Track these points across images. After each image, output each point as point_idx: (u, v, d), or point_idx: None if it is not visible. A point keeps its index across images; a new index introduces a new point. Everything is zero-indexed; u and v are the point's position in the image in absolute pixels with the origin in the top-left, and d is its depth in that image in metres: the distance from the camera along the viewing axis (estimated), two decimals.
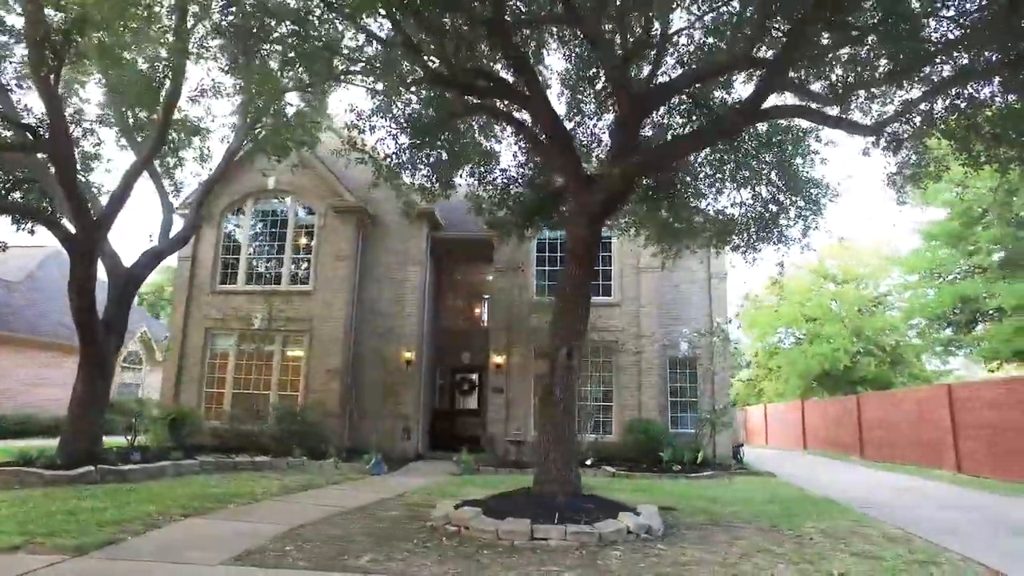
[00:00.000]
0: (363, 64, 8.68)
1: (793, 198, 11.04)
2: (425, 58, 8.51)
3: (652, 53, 7.87)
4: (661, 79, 8.24)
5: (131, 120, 10.33)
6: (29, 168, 10.59)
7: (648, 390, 15.13)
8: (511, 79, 8.32)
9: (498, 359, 15.56)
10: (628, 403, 15.13)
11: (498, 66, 8.32)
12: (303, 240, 16.10)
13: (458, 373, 18.35)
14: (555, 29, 8.29)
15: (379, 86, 10.24)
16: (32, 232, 11.75)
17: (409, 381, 15.15)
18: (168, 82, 9.41)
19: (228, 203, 16.02)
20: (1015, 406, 12.40)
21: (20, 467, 9.11)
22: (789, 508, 8.74)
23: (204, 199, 11.73)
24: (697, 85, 8.22)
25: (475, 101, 8.48)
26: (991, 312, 17.05)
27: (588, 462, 13.31)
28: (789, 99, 7.94)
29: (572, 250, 7.68)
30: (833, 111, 7.61)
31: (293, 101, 12.74)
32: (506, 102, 8.50)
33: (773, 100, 9.00)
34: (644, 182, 9.62)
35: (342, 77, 9.87)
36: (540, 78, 8.06)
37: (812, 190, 10.84)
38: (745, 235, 11.78)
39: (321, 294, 15.38)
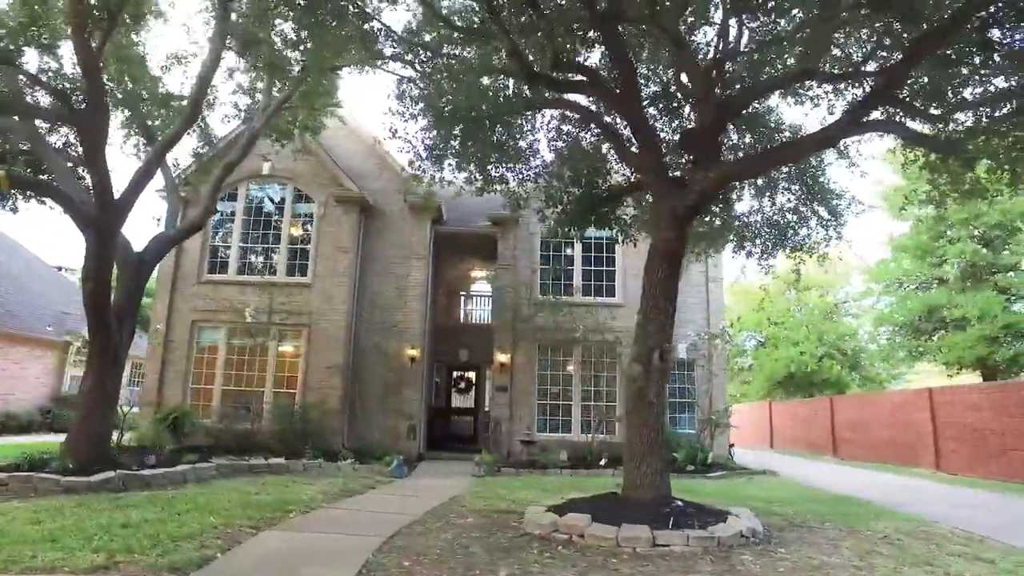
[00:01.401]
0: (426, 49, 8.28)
1: (816, 208, 11.46)
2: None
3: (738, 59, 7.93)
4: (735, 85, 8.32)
5: (161, 93, 9.40)
6: (25, 139, 9.44)
7: None
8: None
9: (502, 357, 15.33)
10: None
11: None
12: (301, 230, 15.28)
13: (454, 371, 17.96)
14: (637, 30, 8.18)
15: (408, 72, 9.83)
16: (15, 210, 10.56)
17: (413, 379, 14.68)
18: (208, 49, 8.56)
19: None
20: (994, 409, 13.42)
21: (30, 472, 8.14)
22: (835, 508, 9.04)
23: (221, 183, 10.86)
24: (778, 92, 8.35)
25: (552, 95, 8.25)
26: (951, 321, 18.45)
27: (603, 462, 13.36)
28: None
29: (660, 252, 7.62)
30: (924, 128, 7.90)
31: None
32: (590, 98, 8.33)
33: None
34: None
35: (391, 60, 9.44)
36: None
37: (835, 201, 11.30)
38: (759, 242, 12.15)
39: (321, 287, 14.65)
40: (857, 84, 8.43)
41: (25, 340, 17.98)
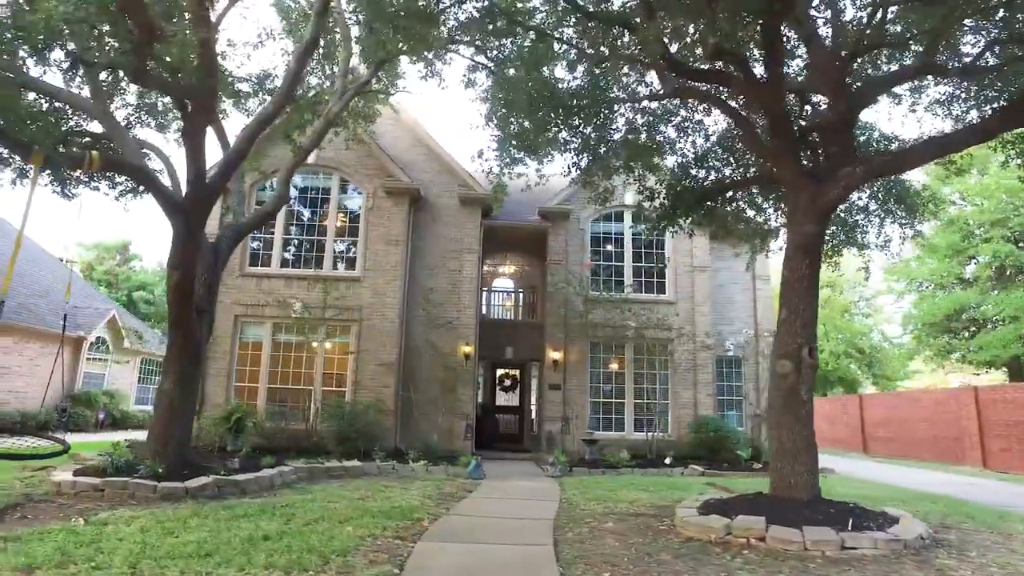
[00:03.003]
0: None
1: (892, 206, 11.36)
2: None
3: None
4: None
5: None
6: (96, 118, 8.74)
7: (704, 388, 15.17)
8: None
9: (555, 355, 15.00)
10: (684, 400, 15.10)
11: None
12: (348, 221, 14.69)
13: (499, 368, 17.53)
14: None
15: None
16: (69, 197, 9.82)
17: (467, 377, 14.23)
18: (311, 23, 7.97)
19: (259, 176, 14.25)
20: None
21: (123, 477, 7.53)
22: (944, 508, 8.90)
23: (294, 169, 10.27)
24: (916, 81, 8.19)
25: (684, 83, 7.94)
26: (981, 321, 18.75)
27: (668, 460, 13.14)
28: None
29: (801, 246, 7.38)
30: None
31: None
32: (724, 88, 8.04)
33: None
34: None
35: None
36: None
37: (914, 199, 11.21)
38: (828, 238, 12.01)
39: (371, 281, 14.10)
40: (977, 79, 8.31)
41: (39, 335, 16.96)
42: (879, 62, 9.68)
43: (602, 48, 7.98)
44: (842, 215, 11.69)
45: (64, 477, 7.62)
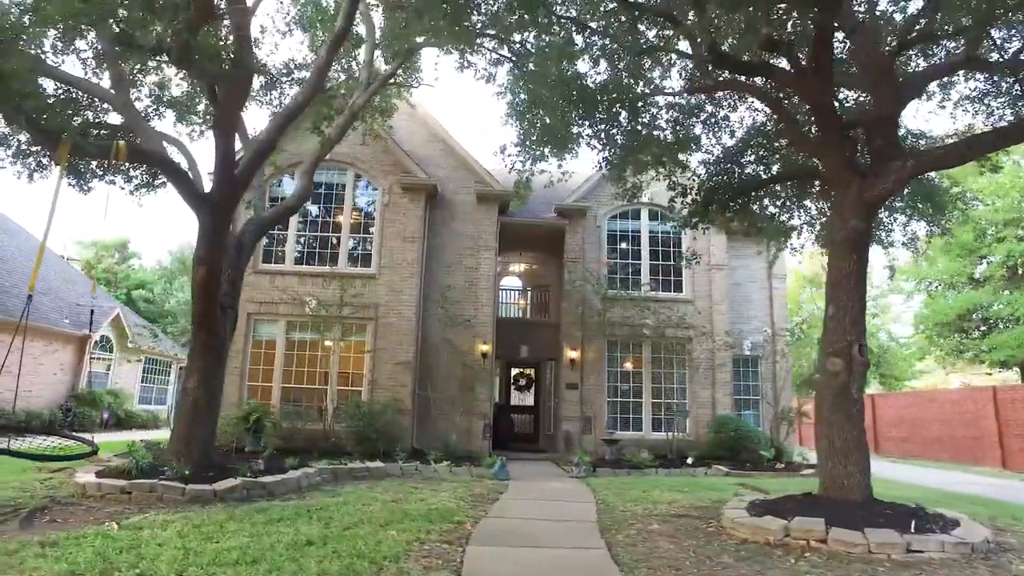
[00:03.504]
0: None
1: (919, 203, 11.20)
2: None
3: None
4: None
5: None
6: (117, 108, 8.46)
7: (722, 387, 15.02)
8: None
9: (572, 353, 14.81)
10: (702, 400, 14.93)
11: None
12: (363, 218, 14.45)
13: (513, 367, 17.30)
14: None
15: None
16: (86, 191, 9.52)
17: (485, 376, 14.01)
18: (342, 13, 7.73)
19: (273, 171, 13.97)
20: None
21: (148, 479, 7.26)
22: (994, 509, 8.73)
23: (318, 162, 10.02)
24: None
25: (724, 76, 7.76)
26: (994, 320, 18.71)
27: (689, 460, 12.97)
28: None
29: (851, 242, 7.20)
30: None
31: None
32: (769, 81, 7.87)
33: None
34: None
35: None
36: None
37: (942, 197, 11.06)
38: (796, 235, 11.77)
39: (387, 278, 13.85)
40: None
41: (44, 333, 16.60)
42: (914, 57, 9.58)
43: (643, 41, 7.77)
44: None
45: (88, 479, 7.36)
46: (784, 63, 7.43)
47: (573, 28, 8.13)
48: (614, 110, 8.90)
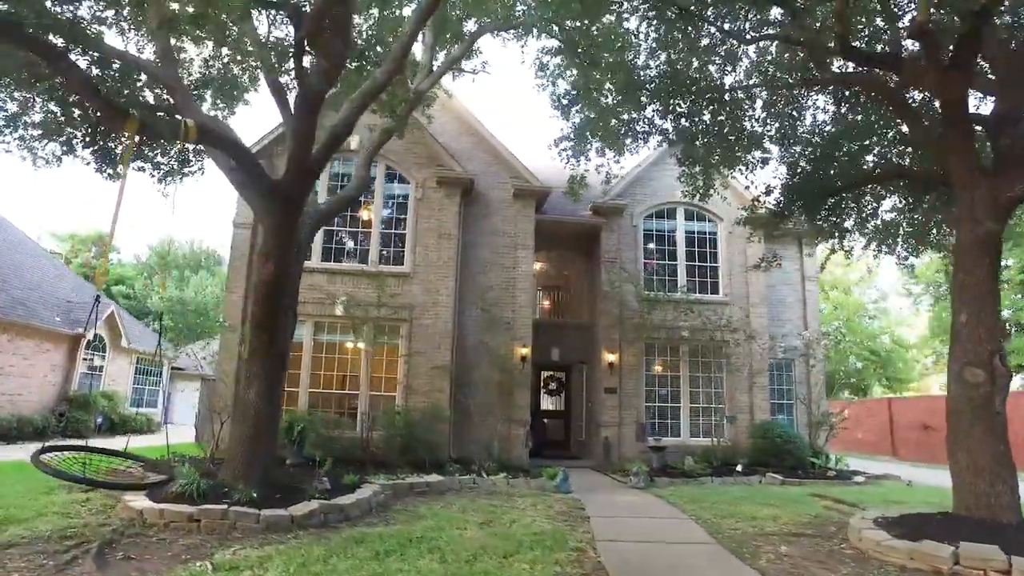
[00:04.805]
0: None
1: None
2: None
3: None
4: None
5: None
6: (168, 88, 7.53)
7: (760, 391, 14.67)
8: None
9: (610, 356, 14.26)
10: (740, 404, 14.56)
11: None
12: (396, 213, 13.63)
13: (543, 371, 16.65)
14: None
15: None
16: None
17: (524, 381, 13.34)
18: None
19: None
20: None
21: (216, 505, 6.42)
22: None
23: (377, 150, 9.23)
24: None
25: (842, 69, 7.28)
26: (1013, 324, 18.88)
27: (739, 468, 12.56)
28: None
29: (982, 245, 6.81)
30: None
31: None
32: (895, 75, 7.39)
33: None
34: None
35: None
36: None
37: None
38: (900, 240, 11.62)
39: (422, 277, 13.08)
40: None
41: (34, 332, 15.28)
42: None
43: (756, 32, 7.24)
44: (914, 215, 11.36)
45: (145, 504, 6.48)
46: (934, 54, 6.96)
47: (681, 16, 7.54)
48: (701, 102, 8.37)
